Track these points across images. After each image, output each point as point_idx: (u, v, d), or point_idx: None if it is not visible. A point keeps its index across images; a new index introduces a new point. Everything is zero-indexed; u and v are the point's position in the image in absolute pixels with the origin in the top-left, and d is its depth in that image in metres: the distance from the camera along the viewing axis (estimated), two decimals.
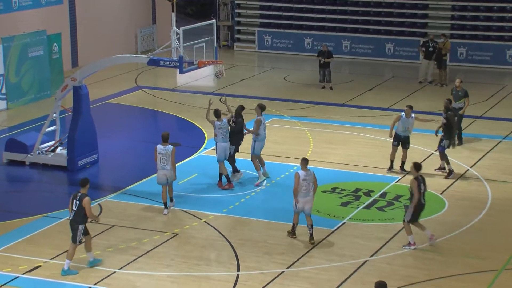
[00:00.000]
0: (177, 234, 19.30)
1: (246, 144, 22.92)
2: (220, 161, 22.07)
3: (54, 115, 24.22)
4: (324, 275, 17.31)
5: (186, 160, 24.29)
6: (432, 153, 24.77)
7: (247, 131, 22.62)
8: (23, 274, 17.22)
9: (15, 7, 32.35)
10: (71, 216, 17.19)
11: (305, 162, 18.75)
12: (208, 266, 17.73)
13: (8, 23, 31.67)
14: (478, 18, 38.41)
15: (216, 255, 18.39)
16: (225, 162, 22.17)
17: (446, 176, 22.97)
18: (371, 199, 21.49)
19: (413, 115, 23.23)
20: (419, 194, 18.26)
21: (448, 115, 23.14)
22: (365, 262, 17.96)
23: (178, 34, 21.88)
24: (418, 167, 18.60)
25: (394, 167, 23.38)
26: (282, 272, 17.47)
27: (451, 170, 23.06)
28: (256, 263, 17.81)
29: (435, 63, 34.06)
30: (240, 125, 22.49)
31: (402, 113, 23.31)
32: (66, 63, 34.27)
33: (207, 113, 22.39)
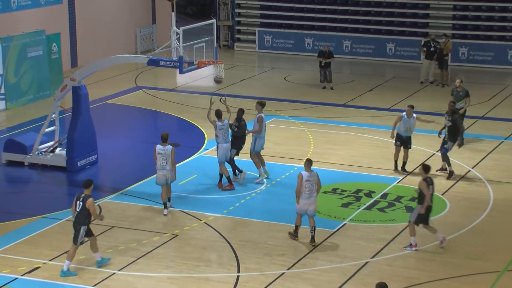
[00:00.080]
0: (177, 235, 19.22)
1: (245, 144, 22.80)
2: (221, 162, 21.98)
3: (53, 116, 24.14)
4: (325, 276, 17.25)
5: (186, 161, 24.21)
6: (434, 153, 24.68)
7: (251, 132, 22.50)
8: (22, 275, 17.14)
9: (14, 7, 32.26)
10: (74, 217, 17.11)
11: (309, 163, 18.64)
12: (208, 268, 17.66)
13: (7, 23, 31.58)
14: (479, 18, 38.33)
15: (216, 256, 18.31)
16: (225, 163, 22.10)
17: (448, 178, 22.88)
18: (372, 200, 21.40)
19: (414, 115, 23.13)
20: (429, 194, 18.19)
21: (454, 117, 23.03)
22: (366, 263, 17.89)
23: (178, 34, 21.81)
24: (427, 169, 18.56)
25: (398, 167, 23.33)
26: (283, 273, 17.40)
27: (452, 172, 22.95)
28: (256, 265, 17.74)
29: (437, 63, 33.97)
30: (243, 129, 22.39)
31: (404, 113, 23.22)
32: (65, 63, 34.19)
33: (208, 113, 22.31)
